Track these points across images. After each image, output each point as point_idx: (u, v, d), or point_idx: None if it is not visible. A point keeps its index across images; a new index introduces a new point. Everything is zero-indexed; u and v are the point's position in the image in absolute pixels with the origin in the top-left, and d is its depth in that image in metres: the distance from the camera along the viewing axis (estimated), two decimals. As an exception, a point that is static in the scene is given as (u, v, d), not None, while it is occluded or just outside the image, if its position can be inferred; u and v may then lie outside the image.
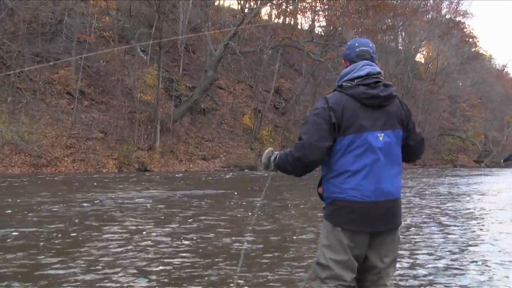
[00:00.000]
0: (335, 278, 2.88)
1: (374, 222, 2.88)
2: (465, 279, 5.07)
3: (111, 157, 24.98)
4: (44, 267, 5.22)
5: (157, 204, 10.99)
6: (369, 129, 2.84)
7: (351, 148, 2.84)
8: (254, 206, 10.45)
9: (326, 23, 36.43)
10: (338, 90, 2.96)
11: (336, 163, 2.88)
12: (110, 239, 6.77)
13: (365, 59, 2.99)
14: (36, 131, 22.81)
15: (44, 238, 6.81)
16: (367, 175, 2.85)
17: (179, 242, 6.68)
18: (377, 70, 2.95)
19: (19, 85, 24.92)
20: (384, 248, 2.97)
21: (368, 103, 2.86)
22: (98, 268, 5.19)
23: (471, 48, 64.27)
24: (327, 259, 2.91)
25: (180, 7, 35.10)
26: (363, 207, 2.84)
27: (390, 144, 2.90)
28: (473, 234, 7.87)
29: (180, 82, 33.44)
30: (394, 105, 2.96)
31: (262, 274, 5.09)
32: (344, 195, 2.86)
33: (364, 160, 2.84)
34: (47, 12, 26.46)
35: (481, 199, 14.05)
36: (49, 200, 11.07)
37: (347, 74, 2.97)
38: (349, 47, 3.08)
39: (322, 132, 2.83)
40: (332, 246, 2.91)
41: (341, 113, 2.84)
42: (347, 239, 2.88)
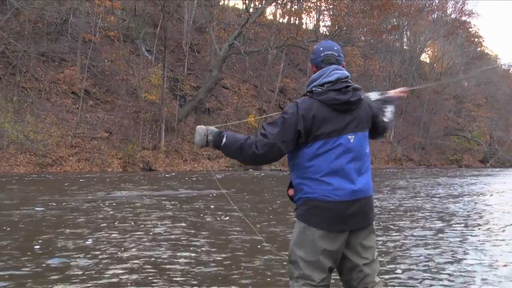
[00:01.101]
0: (304, 277, 2.92)
1: (347, 221, 2.91)
2: (472, 279, 5.05)
3: (116, 157, 25.03)
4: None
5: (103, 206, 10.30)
6: (340, 132, 2.90)
7: (323, 151, 2.89)
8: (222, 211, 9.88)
9: (331, 22, 36.39)
10: (309, 95, 2.99)
11: (309, 166, 2.92)
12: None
13: (331, 63, 3.03)
14: (41, 131, 22.89)
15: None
16: (339, 176, 2.89)
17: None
18: (346, 74, 2.98)
19: (24, 85, 25.02)
20: (362, 244, 2.99)
21: (339, 108, 2.91)
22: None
23: (477, 48, 64.14)
24: (297, 258, 2.94)
25: (185, 6, 35.14)
26: (336, 206, 2.88)
27: (361, 145, 2.97)
28: (481, 235, 7.84)
29: (185, 82, 33.49)
30: (362, 108, 3.02)
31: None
32: (316, 195, 2.90)
33: (337, 162, 2.89)
34: (52, 12, 26.54)
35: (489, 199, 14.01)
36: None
37: (316, 79, 2.99)
38: (315, 52, 3.10)
39: (286, 138, 2.90)
40: (302, 245, 2.94)
41: (311, 119, 2.88)
42: (321, 239, 2.90)
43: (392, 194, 14.54)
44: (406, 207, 11.20)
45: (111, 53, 30.53)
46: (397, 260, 5.79)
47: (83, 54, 28.29)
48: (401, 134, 46.89)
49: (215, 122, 32.82)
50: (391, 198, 13.25)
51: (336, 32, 33.68)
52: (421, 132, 50.40)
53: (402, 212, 10.27)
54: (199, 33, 39.12)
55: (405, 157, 46.70)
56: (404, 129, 48.71)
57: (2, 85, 24.19)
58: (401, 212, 10.27)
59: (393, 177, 25.27)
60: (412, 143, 49.28)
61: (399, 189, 16.88)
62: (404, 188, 17.25)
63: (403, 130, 47.86)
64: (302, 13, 36.54)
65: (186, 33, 36.12)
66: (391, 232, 7.77)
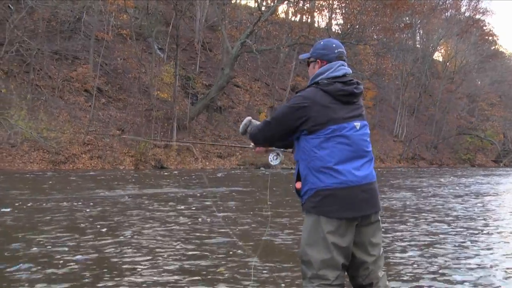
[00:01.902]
0: (318, 277, 2.92)
1: (360, 206, 2.94)
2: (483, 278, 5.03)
3: (128, 154, 25.16)
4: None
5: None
6: (347, 120, 2.98)
7: (330, 139, 2.94)
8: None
9: (343, 21, 36.24)
10: (314, 86, 3.09)
11: (317, 155, 2.95)
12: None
13: (343, 60, 3.15)
14: (54, 128, 23.07)
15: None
16: (349, 162, 2.94)
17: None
18: (350, 71, 3.14)
19: (38, 83, 25.25)
20: (369, 241, 3.02)
21: (344, 99, 3.00)
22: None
23: (491, 46, 63.53)
24: (309, 257, 2.94)
25: (197, 5, 35.21)
26: (349, 192, 2.91)
27: (365, 133, 3.06)
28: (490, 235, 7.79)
29: (196, 80, 33.56)
30: (360, 100, 3.14)
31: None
32: (328, 184, 2.92)
33: (344, 149, 2.94)
34: (66, 10, 26.75)
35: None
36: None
37: (324, 73, 3.10)
38: (326, 47, 3.18)
39: (287, 127, 3.04)
40: (314, 243, 2.94)
41: (317, 108, 2.96)
42: (332, 234, 2.90)
43: (399, 193, 14.48)
44: (412, 207, 11.14)
45: (123, 51, 30.70)
46: (402, 259, 5.77)
47: (96, 52, 28.47)
48: (413, 133, 46.66)
49: (226, 120, 32.89)
50: (399, 198, 13.19)
51: (349, 31, 33.56)
52: (434, 131, 50.09)
53: (407, 212, 10.21)
54: (211, 31, 39.18)
55: (417, 156, 46.45)
56: (417, 128, 48.46)
57: (16, 83, 24.41)
58: (406, 212, 10.21)
59: (401, 176, 25.14)
60: (425, 142, 49.02)
61: (405, 188, 16.80)
62: (412, 188, 17.16)
63: (415, 129, 47.61)
64: (314, 12, 36.48)
65: (198, 31, 36.20)
66: (394, 231, 7.74)
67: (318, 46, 3.22)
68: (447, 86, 52.32)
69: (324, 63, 3.14)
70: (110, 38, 30.11)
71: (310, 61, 3.26)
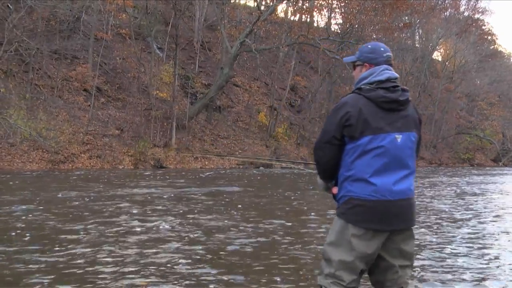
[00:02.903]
0: (334, 277, 2.93)
1: (390, 221, 2.90)
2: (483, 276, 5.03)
3: (127, 154, 25.15)
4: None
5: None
6: (387, 130, 2.90)
7: (368, 149, 2.89)
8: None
9: (343, 20, 36.24)
10: (357, 92, 3.02)
11: (353, 163, 2.93)
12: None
13: (390, 64, 3.08)
14: (53, 128, 23.05)
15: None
16: (384, 175, 2.89)
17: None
18: (395, 75, 3.04)
19: (37, 82, 25.23)
20: (400, 248, 2.99)
21: (386, 106, 2.93)
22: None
23: (490, 46, 63.53)
24: (331, 256, 2.96)
25: (197, 4, 35.20)
26: (379, 205, 2.88)
27: (406, 146, 2.95)
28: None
29: (196, 80, 33.56)
30: (410, 109, 3.03)
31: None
32: (360, 194, 2.90)
33: (381, 160, 2.89)
34: (65, 10, 26.71)
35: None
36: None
37: (366, 78, 3.03)
38: (374, 51, 3.10)
39: (332, 135, 2.97)
40: (338, 244, 2.95)
41: (358, 115, 2.89)
42: (358, 240, 2.89)
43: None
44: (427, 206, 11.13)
45: (122, 50, 30.68)
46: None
47: (95, 52, 28.45)
48: (412, 132, 46.53)
49: (226, 120, 32.89)
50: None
51: (348, 30, 33.56)
52: (433, 130, 50.10)
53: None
54: (211, 30, 39.17)
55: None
56: (416, 127, 48.40)
57: (16, 82, 24.40)
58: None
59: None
60: (424, 141, 48.98)
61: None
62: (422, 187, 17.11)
63: (414, 129, 47.51)
64: (313, 11, 36.44)
65: (198, 31, 36.18)
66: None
67: (365, 50, 3.14)
68: (446, 86, 52.31)
69: (372, 66, 3.07)
70: (109, 38, 30.09)
71: (356, 64, 3.17)
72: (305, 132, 36.87)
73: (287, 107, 38.64)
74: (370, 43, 3.20)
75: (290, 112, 38.90)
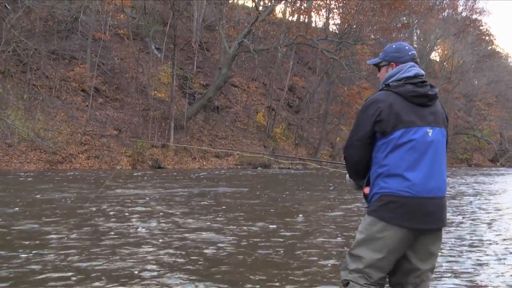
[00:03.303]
0: (361, 273, 2.88)
1: (424, 219, 2.85)
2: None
3: (125, 154, 25.14)
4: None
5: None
6: (418, 124, 2.89)
7: (401, 143, 2.86)
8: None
9: (341, 21, 36.24)
10: (385, 89, 3.03)
11: (386, 158, 2.89)
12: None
13: (416, 62, 3.10)
14: (51, 128, 23.03)
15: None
16: (417, 170, 2.85)
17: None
18: (422, 72, 3.04)
19: (35, 82, 25.20)
20: (428, 249, 2.95)
21: (416, 101, 2.93)
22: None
23: (488, 46, 63.59)
24: (360, 253, 2.91)
25: (195, 4, 35.19)
26: (413, 202, 2.83)
27: (438, 141, 2.96)
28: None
29: (194, 80, 33.54)
30: (438, 105, 3.04)
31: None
32: (393, 190, 2.85)
33: (414, 155, 2.86)
34: (63, 10, 26.70)
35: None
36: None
37: (394, 75, 3.04)
38: (399, 50, 3.12)
39: (363, 132, 2.95)
40: (369, 241, 2.90)
41: (389, 110, 2.88)
42: (390, 237, 2.84)
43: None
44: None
45: (120, 51, 30.66)
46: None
47: (93, 52, 28.43)
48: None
49: (224, 120, 32.89)
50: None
51: (346, 31, 33.56)
52: (431, 130, 50.10)
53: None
54: (209, 31, 39.17)
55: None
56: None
57: (13, 82, 24.36)
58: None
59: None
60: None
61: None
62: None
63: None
64: (311, 11, 36.44)
65: (196, 31, 36.18)
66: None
67: (390, 50, 3.15)
68: (444, 86, 52.31)
69: (398, 65, 3.08)
70: (108, 38, 30.07)
71: (382, 65, 3.18)
72: (303, 133, 36.87)
73: (285, 107, 38.65)
74: (394, 43, 3.23)
75: (288, 112, 38.91)
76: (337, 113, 37.78)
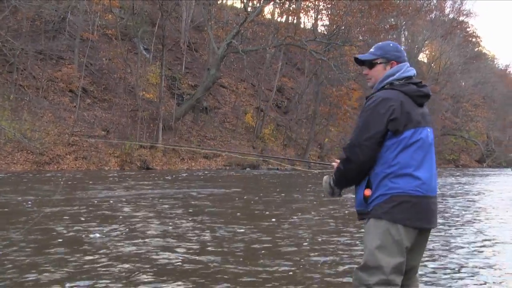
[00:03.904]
0: (387, 283, 2.76)
1: (432, 217, 2.90)
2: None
3: (113, 155, 24.99)
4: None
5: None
6: (423, 124, 2.91)
7: (411, 142, 2.85)
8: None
9: (329, 22, 36.34)
10: (390, 88, 2.97)
11: (396, 158, 2.84)
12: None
13: (406, 61, 3.11)
14: (38, 129, 22.84)
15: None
16: (424, 170, 2.86)
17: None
18: (415, 73, 3.08)
19: (21, 83, 24.97)
20: (422, 248, 3.01)
21: (419, 101, 2.94)
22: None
23: (474, 48, 64.20)
24: (381, 262, 2.76)
25: (183, 5, 35.10)
26: (423, 201, 2.83)
27: (433, 140, 2.99)
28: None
29: (182, 81, 33.46)
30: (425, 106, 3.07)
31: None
32: (405, 189, 2.81)
33: (421, 154, 2.88)
34: (50, 10, 26.48)
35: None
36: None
37: (394, 74, 3.02)
38: (398, 49, 3.11)
39: (376, 131, 2.85)
40: (386, 247, 2.78)
41: (400, 109, 2.85)
42: (405, 239, 2.80)
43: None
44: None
45: (109, 51, 30.49)
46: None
47: (81, 52, 28.24)
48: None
49: (212, 121, 32.83)
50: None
51: (335, 32, 33.66)
52: (419, 131, 50.38)
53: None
54: (197, 31, 39.09)
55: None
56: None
57: (0, 83, 24.13)
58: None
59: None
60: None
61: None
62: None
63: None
64: (300, 12, 36.51)
65: (184, 32, 36.08)
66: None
67: (390, 48, 3.09)
68: (431, 87, 52.18)
69: (398, 64, 3.06)
70: (96, 38, 29.89)
71: (379, 62, 3.08)
72: (292, 133, 36.92)
73: (274, 108, 38.68)
74: (390, 42, 3.20)
75: (277, 113, 38.94)
76: (325, 114, 37.88)
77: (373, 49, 3.14)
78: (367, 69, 3.14)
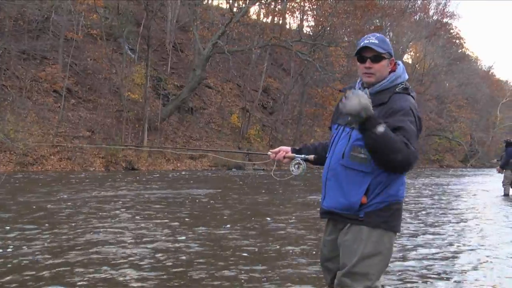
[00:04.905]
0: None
1: None
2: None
3: (98, 156, 24.81)
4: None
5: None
6: None
7: None
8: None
9: (315, 23, 36.48)
10: (405, 93, 2.82)
11: None
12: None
13: None
14: (22, 129, 22.59)
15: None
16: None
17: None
18: None
19: (4, 83, 24.67)
20: None
21: None
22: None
23: (458, 49, 64.85)
24: (370, 269, 2.68)
25: (169, 5, 34.98)
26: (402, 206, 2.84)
27: None
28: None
29: (168, 81, 33.33)
30: None
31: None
32: (400, 196, 2.77)
33: None
34: (33, 9, 26.23)
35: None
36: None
37: (400, 76, 2.88)
38: (391, 47, 2.92)
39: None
40: (379, 255, 2.70)
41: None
42: (392, 245, 2.78)
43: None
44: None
45: (93, 51, 30.25)
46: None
47: (65, 52, 27.97)
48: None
49: (198, 122, 32.76)
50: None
51: (320, 32, 33.80)
52: (403, 132, 50.70)
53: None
54: (183, 32, 38.96)
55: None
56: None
57: (-18, 83, 23.86)
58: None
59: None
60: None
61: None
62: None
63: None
64: (285, 13, 36.63)
65: (170, 32, 35.96)
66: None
67: (389, 43, 2.87)
68: (416, 88, 52.97)
69: (395, 62, 2.90)
70: (80, 38, 29.62)
71: (386, 57, 2.82)
72: (277, 134, 36.96)
73: (259, 108, 38.69)
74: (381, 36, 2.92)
75: (263, 113, 38.96)
76: (311, 115, 37.99)
77: (377, 41, 2.80)
78: (370, 62, 2.81)
